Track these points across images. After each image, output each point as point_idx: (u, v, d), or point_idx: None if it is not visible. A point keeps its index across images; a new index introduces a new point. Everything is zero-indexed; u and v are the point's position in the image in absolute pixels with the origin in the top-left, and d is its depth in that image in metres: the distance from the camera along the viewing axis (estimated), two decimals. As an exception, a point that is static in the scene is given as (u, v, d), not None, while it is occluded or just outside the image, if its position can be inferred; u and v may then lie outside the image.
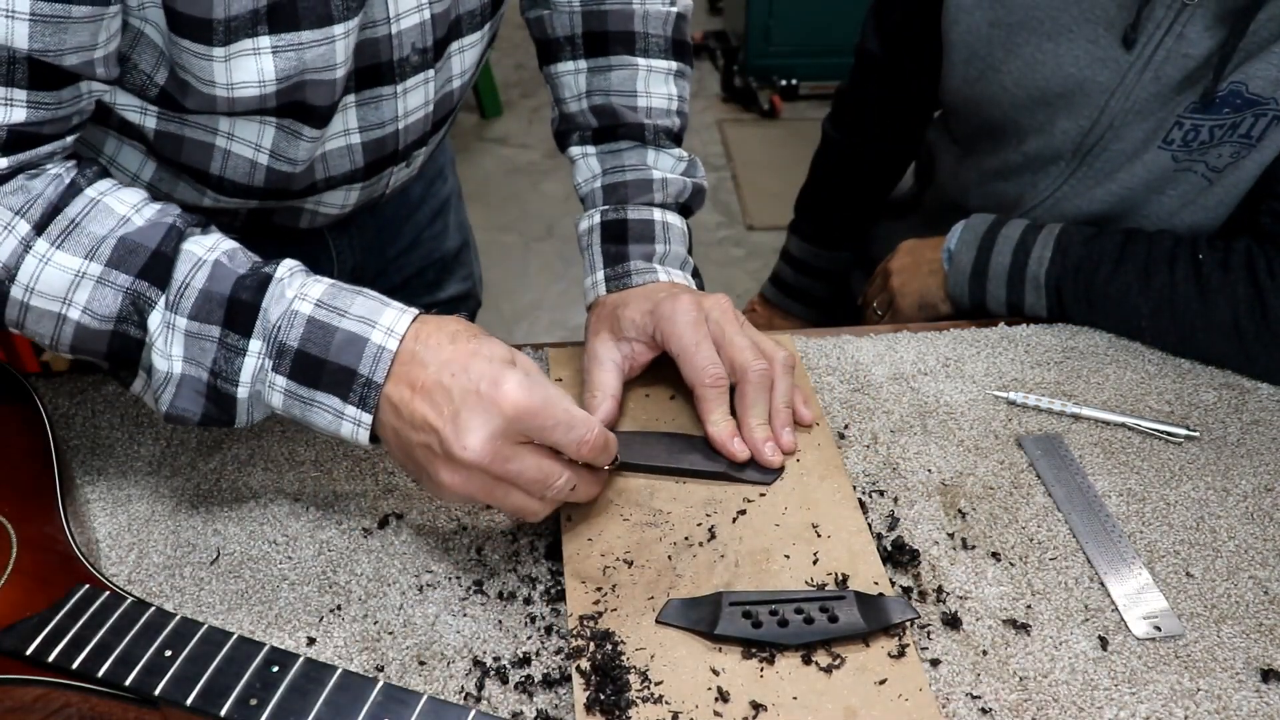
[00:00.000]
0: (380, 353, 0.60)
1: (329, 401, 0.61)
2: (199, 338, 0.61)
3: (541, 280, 2.71)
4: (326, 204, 0.82)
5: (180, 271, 0.62)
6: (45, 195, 0.61)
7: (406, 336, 0.60)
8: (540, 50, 0.90)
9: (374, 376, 0.60)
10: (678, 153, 0.87)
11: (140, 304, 0.61)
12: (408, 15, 0.71)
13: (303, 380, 0.61)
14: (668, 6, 0.87)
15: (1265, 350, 0.84)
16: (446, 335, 0.61)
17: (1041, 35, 0.91)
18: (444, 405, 0.58)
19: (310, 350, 0.61)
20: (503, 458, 0.58)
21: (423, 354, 0.60)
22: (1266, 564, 0.69)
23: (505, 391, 0.58)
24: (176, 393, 0.62)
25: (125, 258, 0.61)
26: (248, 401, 0.63)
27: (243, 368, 0.61)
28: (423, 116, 0.79)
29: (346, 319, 0.61)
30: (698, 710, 0.56)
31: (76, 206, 0.62)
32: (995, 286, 0.94)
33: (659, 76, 0.87)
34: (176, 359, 0.62)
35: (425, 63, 0.75)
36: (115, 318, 0.61)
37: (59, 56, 0.58)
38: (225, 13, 0.62)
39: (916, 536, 0.70)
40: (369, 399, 0.60)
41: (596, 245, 0.83)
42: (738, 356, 0.72)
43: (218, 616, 0.65)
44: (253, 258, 0.64)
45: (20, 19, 0.56)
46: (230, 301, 0.61)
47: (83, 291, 0.61)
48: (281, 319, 0.61)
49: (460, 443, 0.58)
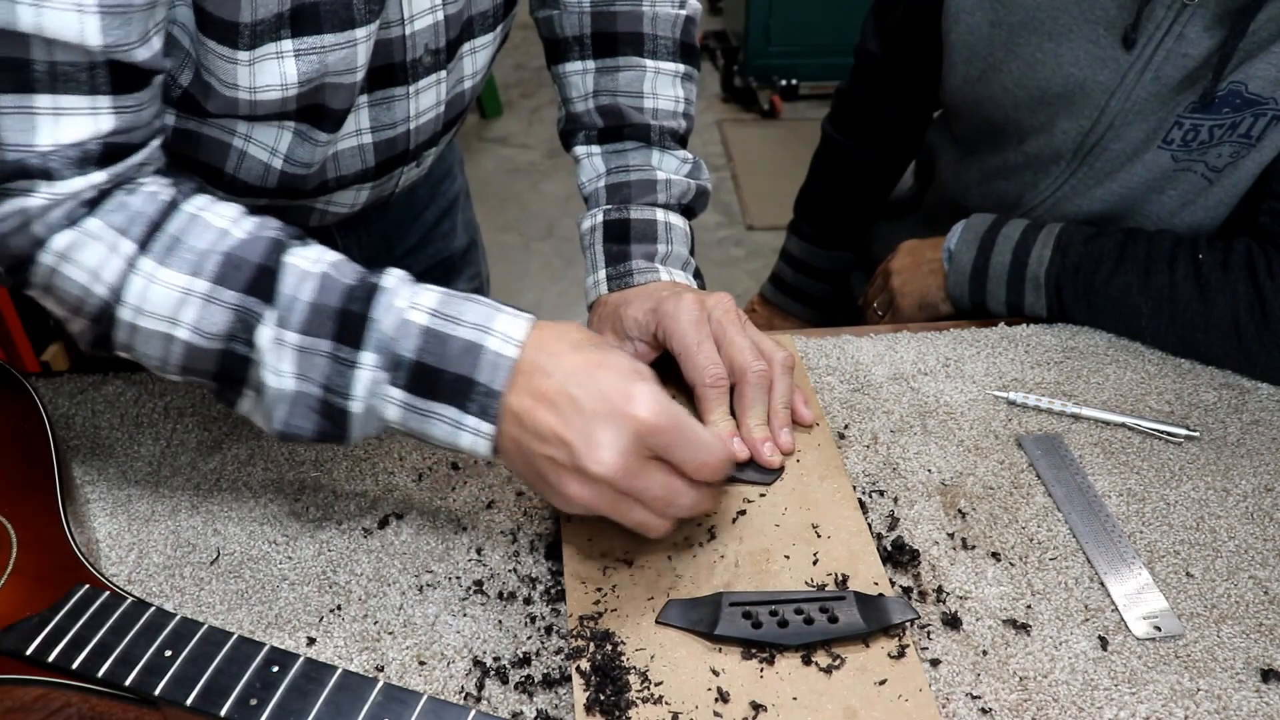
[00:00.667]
0: (499, 360, 0.58)
1: (447, 412, 0.59)
2: (310, 352, 0.59)
3: (541, 280, 2.71)
4: (336, 203, 0.82)
5: (287, 285, 0.60)
6: (145, 212, 0.60)
7: (527, 344, 0.59)
8: (548, 50, 0.90)
9: (494, 385, 0.58)
10: (682, 154, 0.88)
11: (248, 320, 0.59)
12: (422, 16, 0.71)
13: (419, 391, 0.59)
14: (677, 9, 0.87)
15: (1265, 350, 0.84)
16: (569, 344, 0.59)
17: (1042, 35, 0.91)
18: (573, 417, 0.57)
19: (426, 360, 0.58)
20: (632, 473, 0.57)
21: (546, 363, 0.58)
22: (1266, 564, 0.69)
23: (637, 405, 0.56)
24: (290, 410, 0.60)
25: (230, 273, 0.59)
26: (363, 416, 0.60)
27: (356, 381, 0.59)
28: (434, 117, 0.79)
29: (462, 326, 0.59)
30: (697, 710, 0.56)
31: (177, 222, 0.60)
32: (995, 286, 0.94)
33: (666, 78, 0.87)
34: (287, 375, 0.60)
35: (438, 64, 0.75)
36: (224, 335, 0.60)
37: (129, 52, 0.57)
38: (252, 16, 0.61)
39: (916, 536, 0.70)
40: (490, 408, 0.58)
41: (599, 244, 0.83)
42: (737, 357, 0.72)
43: (218, 616, 0.65)
44: (358, 268, 0.62)
45: (90, 12, 0.54)
46: (340, 314, 0.59)
47: (190, 310, 0.59)
48: (395, 330, 0.59)
49: (593, 456, 0.56)
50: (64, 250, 0.59)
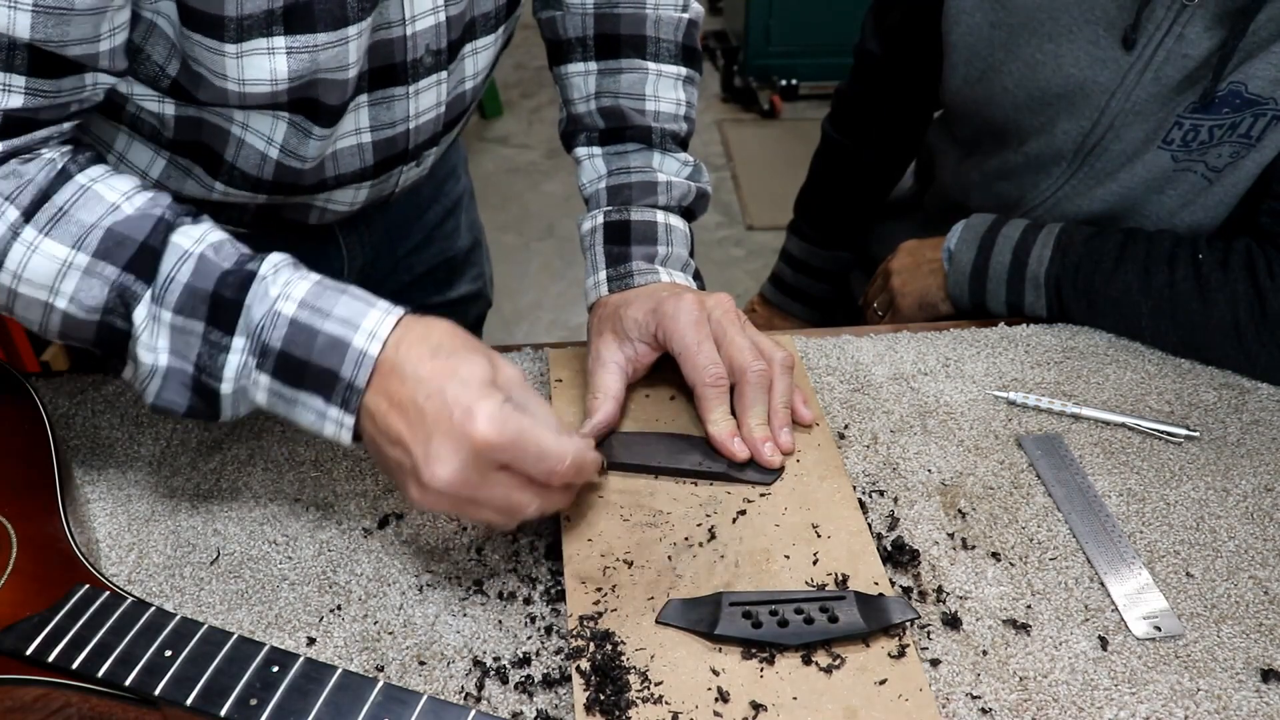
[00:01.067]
0: (362, 357, 0.60)
1: (312, 402, 0.61)
2: (184, 332, 0.61)
3: (541, 280, 2.71)
4: (336, 200, 0.82)
5: (166, 265, 0.61)
6: (35, 181, 0.61)
7: (389, 343, 0.60)
8: (551, 51, 0.90)
9: (356, 381, 0.60)
10: (683, 157, 0.88)
11: (126, 297, 0.61)
12: (423, 17, 0.71)
13: (286, 380, 0.61)
14: (680, 12, 0.88)
15: (1265, 350, 0.84)
16: (428, 348, 0.60)
17: (1042, 36, 0.91)
18: (417, 427, 0.58)
19: (293, 352, 0.60)
20: (471, 485, 0.58)
21: (403, 366, 0.60)
22: (1266, 564, 0.69)
23: (477, 423, 0.57)
24: (163, 385, 0.63)
25: (112, 249, 0.61)
26: (232, 397, 0.63)
27: (226, 364, 0.62)
28: (434, 117, 0.79)
29: (329, 321, 0.61)
30: (697, 710, 0.56)
31: (66, 193, 0.62)
32: (995, 286, 0.94)
33: (668, 81, 0.87)
34: (162, 351, 0.62)
35: (439, 64, 0.75)
36: (101, 309, 0.61)
37: (61, 47, 0.58)
38: (238, 11, 0.62)
39: (916, 536, 0.70)
40: (351, 401, 0.60)
41: (599, 245, 0.83)
42: (737, 357, 0.72)
43: (218, 616, 0.65)
44: (240, 249, 0.64)
45: (23, 9, 0.55)
46: (214, 297, 0.61)
47: (69, 281, 0.61)
48: (265, 318, 0.61)
49: (429, 470, 0.57)
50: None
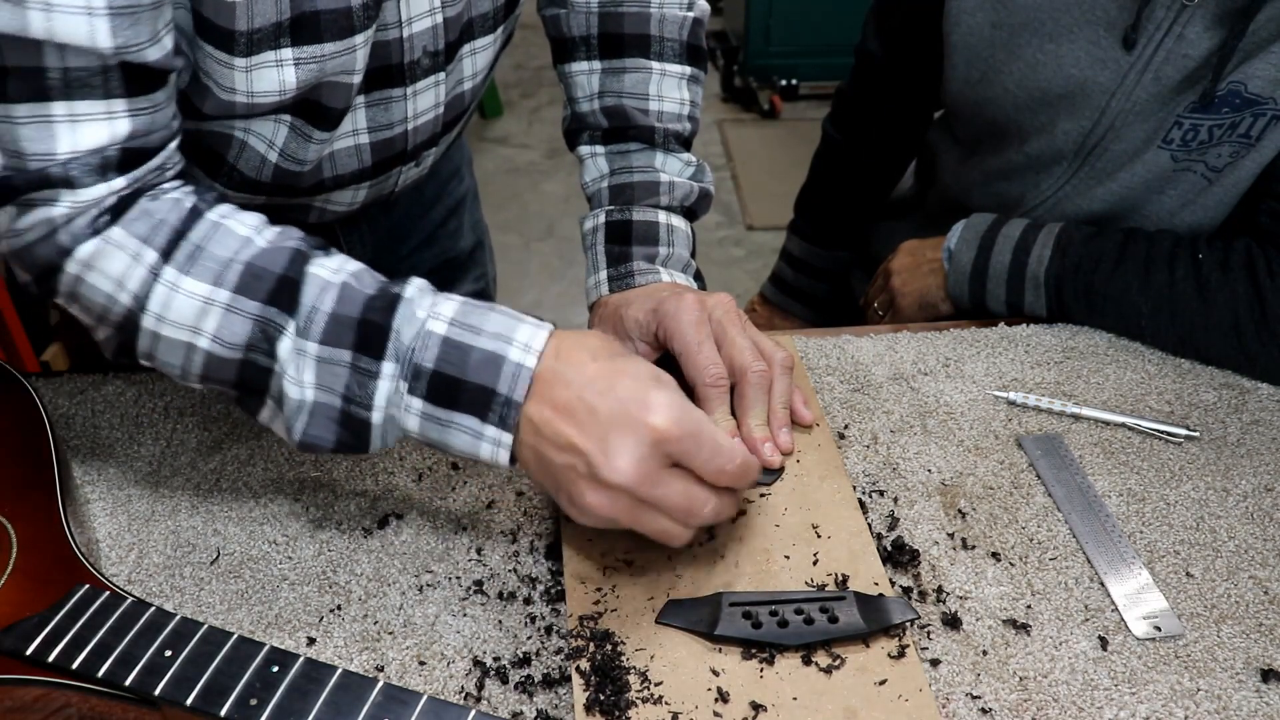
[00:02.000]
0: (519, 370, 0.58)
1: (467, 422, 0.59)
2: (330, 363, 0.59)
3: (541, 280, 2.71)
4: (334, 200, 0.82)
5: (308, 296, 0.60)
6: (168, 221, 0.60)
7: (546, 353, 0.59)
8: (555, 49, 0.90)
9: (513, 395, 0.58)
10: (686, 157, 0.88)
11: (269, 330, 0.60)
12: (420, 19, 0.71)
13: (439, 402, 0.59)
14: (684, 11, 0.87)
15: (1264, 350, 0.84)
16: (588, 352, 0.59)
17: (1043, 37, 0.91)
18: (590, 426, 0.57)
19: (447, 370, 0.59)
20: (651, 481, 0.57)
21: (565, 372, 0.58)
22: (1266, 564, 0.69)
23: (653, 413, 0.56)
24: (310, 421, 0.61)
25: (252, 283, 0.60)
26: (382, 426, 0.60)
27: (376, 391, 0.59)
28: (433, 118, 0.79)
29: (482, 337, 0.59)
30: (697, 711, 0.56)
31: (200, 230, 0.61)
32: (995, 286, 0.94)
33: (672, 81, 0.87)
34: (309, 386, 0.60)
35: (436, 65, 0.75)
36: (245, 345, 0.60)
37: (141, 52, 0.57)
38: (248, 25, 0.61)
39: (916, 536, 0.70)
40: (509, 418, 0.58)
41: (600, 245, 0.83)
42: (737, 357, 0.72)
43: (218, 616, 0.65)
44: (379, 278, 0.62)
45: (100, 15, 0.54)
46: (360, 324, 0.59)
47: (212, 319, 0.59)
48: (415, 340, 0.59)
49: (610, 465, 0.56)
50: (88, 259, 0.59)
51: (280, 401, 0.61)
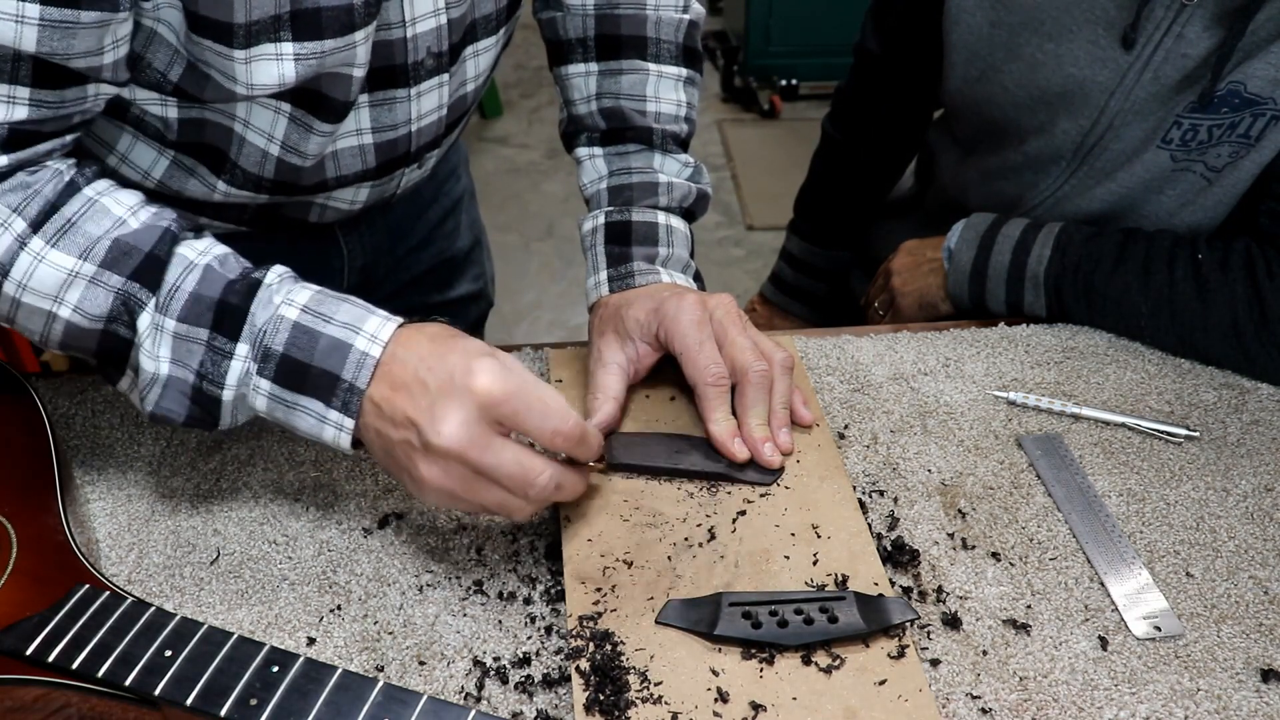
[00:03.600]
0: (364, 359, 0.61)
1: (312, 405, 0.61)
2: (187, 340, 0.62)
3: (541, 280, 2.71)
4: (336, 199, 0.82)
5: (172, 274, 0.62)
6: (43, 193, 0.62)
7: (390, 343, 0.61)
8: (551, 51, 0.90)
9: (357, 382, 0.60)
10: (684, 158, 0.88)
11: (131, 305, 0.62)
12: (424, 20, 0.71)
13: (287, 384, 0.62)
14: (680, 13, 0.88)
15: (1264, 350, 0.84)
16: (426, 336, 0.62)
17: (1042, 36, 0.91)
18: (421, 397, 0.59)
19: (295, 355, 0.61)
20: (479, 445, 0.58)
21: (402, 355, 0.61)
22: (1266, 564, 0.69)
23: (477, 377, 0.58)
24: (162, 394, 0.63)
25: (119, 259, 0.62)
26: (232, 404, 0.63)
27: (229, 371, 0.62)
28: (436, 119, 0.79)
29: (331, 325, 0.62)
30: (697, 711, 0.56)
31: (74, 206, 0.62)
32: (995, 285, 0.94)
33: (669, 82, 0.87)
34: (164, 360, 0.62)
35: (440, 67, 0.75)
36: (106, 317, 0.62)
37: (66, 59, 0.58)
38: (246, 17, 0.62)
39: (916, 536, 0.70)
40: (351, 404, 0.61)
41: (600, 246, 0.83)
42: (739, 357, 0.72)
43: (218, 616, 0.65)
44: (244, 263, 0.65)
45: (29, 24, 0.56)
46: (219, 305, 0.62)
47: (75, 290, 0.61)
48: (268, 323, 0.62)
49: (435, 429, 0.58)
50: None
51: (137, 372, 0.63)
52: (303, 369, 0.61)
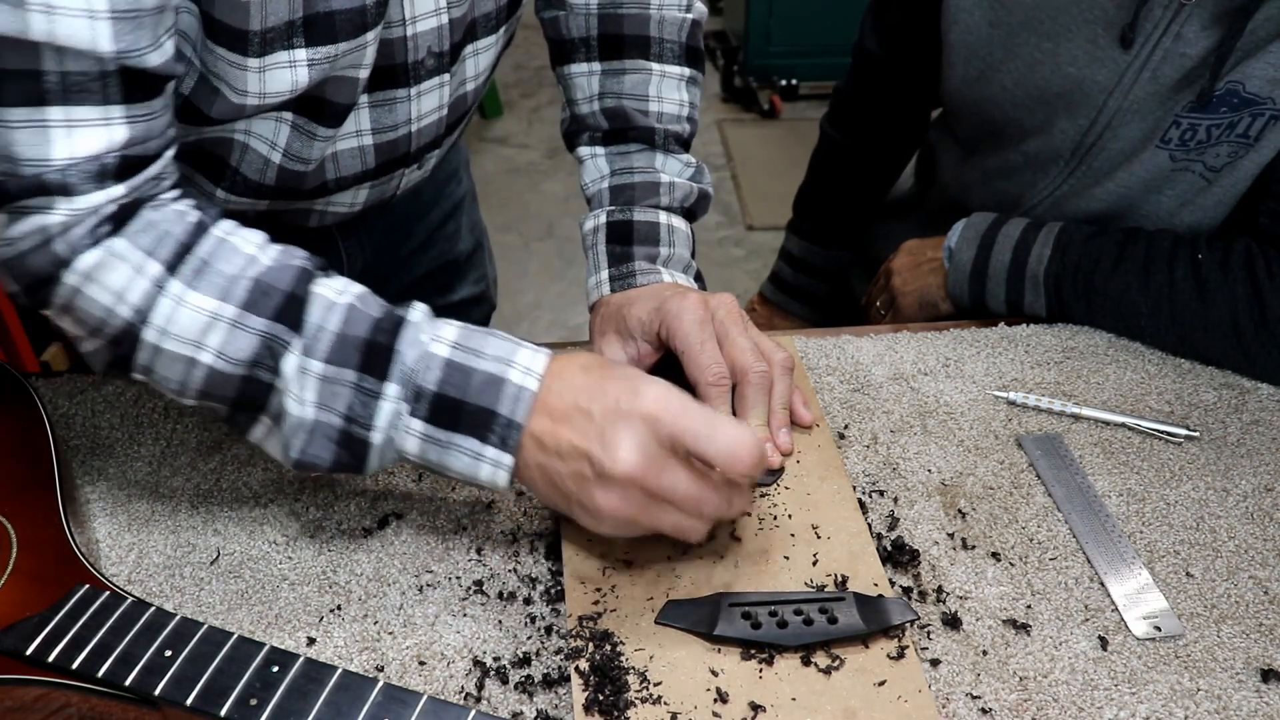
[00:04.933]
0: (521, 392, 0.59)
1: (467, 444, 0.60)
2: (334, 382, 0.60)
3: (541, 280, 2.71)
4: (335, 202, 0.82)
5: (314, 314, 0.60)
6: (174, 233, 0.59)
7: (545, 376, 0.60)
8: (554, 50, 0.90)
9: (515, 417, 0.59)
10: (685, 158, 0.88)
11: (275, 347, 0.59)
12: (425, 19, 0.71)
13: (440, 423, 0.60)
14: (683, 13, 0.88)
15: (1264, 350, 0.84)
16: (578, 366, 0.60)
17: (1041, 35, 0.91)
18: (588, 428, 0.57)
19: (449, 392, 0.59)
20: (655, 469, 0.57)
21: (558, 386, 0.59)
22: (1266, 564, 0.69)
23: (643, 400, 0.57)
24: (309, 440, 0.60)
25: (259, 300, 0.59)
26: (381, 448, 0.61)
27: (378, 412, 0.60)
28: (437, 120, 0.79)
29: (484, 359, 0.60)
30: (696, 711, 0.56)
31: (206, 245, 0.60)
32: (995, 285, 0.94)
33: (672, 82, 0.87)
34: (309, 404, 0.60)
35: (441, 66, 0.75)
36: (250, 362, 0.59)
37: (141, 57, 0.56)
38: (261, 25, 0.61)
39: (916, 536, 0.70)
40: (510, 440, 0.59)
41: (601, 245, 0.83)
42: (739, 358, 0.72)
43: (218, 616, 0.65)
44: (383, 302, 0.63)
45: (102, 18, 0.53)
46: (366, 345, 0.60)
47: (216, 334, 0.59)
48: (419, 362, 0.60)
49: (611, 457, 0.56)
50: (89, 270, 0.58)
51: (279, 419, 0.61)
52: (457, 406, 0.59)
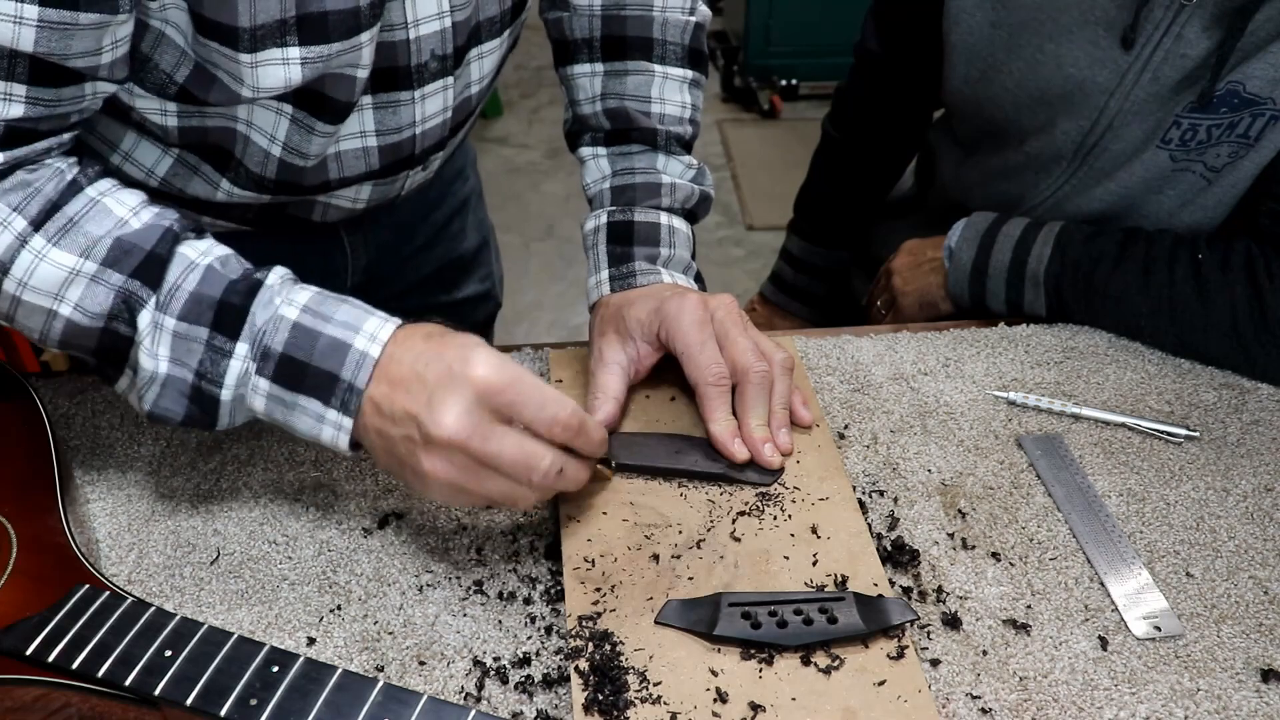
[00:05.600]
0: (363, 358, 0.61)
1: (310, 405, 0.62)
2: (186, 339, 0.62)
3: (541, 280, 2.71)
4: (339, 198, 0.82)
5: (173, 273, 0.62)
6: (44, 192, 0.62)
7: (389, 343, 0.61)
8: (557, 51, 0.90)
9: (356, 382, 0.61)
10: (687, 160, 0.88)
11: (131, 303, 0.62)
12: (427, 22, 0.71)
13: (285, 384, 0.62)
14: (687, 15, 0.88)
15: (1264, 350, 0.84)
16: (421, 334, 0.62)
17: (1042, 36, 0.91)
18: (419, 391, 0.59)
19: (294, 354, 0.61)
20: (481, 435, 0.58)
21: (399, 353, 0.61)
22: (1266, 564, 0.69)
23: (475, 367, 0.58)
24: (161, 392, 0.63)
25: (120, 258, 0.62)
26: (230, 404, 0.63)
27: (228, 370, 0.62)
28: (440, 123, 0.79)
29: (331, 325, 0.62)
30: (696, 711, 0.56)
31: (76, 205, 0.62)
32: (995, 284, 0.94)
33: (674, 84, 0.88)
34: (163, 359, 0.62)
35: (444, 70, 0.75)
36: (106, 315, 0.62)
37: (64, 59, 0.58)
38: (251, 21, 0.62)
39: (916, 536, 0.70)
40: (350, 403, 0.61)
41: (602, 245, 0.83)
42: (740, 357, 0.72)
43: (218, 616, 0.65)
44: (245, 264, 0.65)
45: (28, 25, 0.56)
46: (220, 304, 0.62)
47: (75, 289, 0.61)
48: (268, 323, 0.62)
49: (435, 420, 0.58)
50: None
51: (135, 371, 0.63)
52: (301, 368, 0.61)
